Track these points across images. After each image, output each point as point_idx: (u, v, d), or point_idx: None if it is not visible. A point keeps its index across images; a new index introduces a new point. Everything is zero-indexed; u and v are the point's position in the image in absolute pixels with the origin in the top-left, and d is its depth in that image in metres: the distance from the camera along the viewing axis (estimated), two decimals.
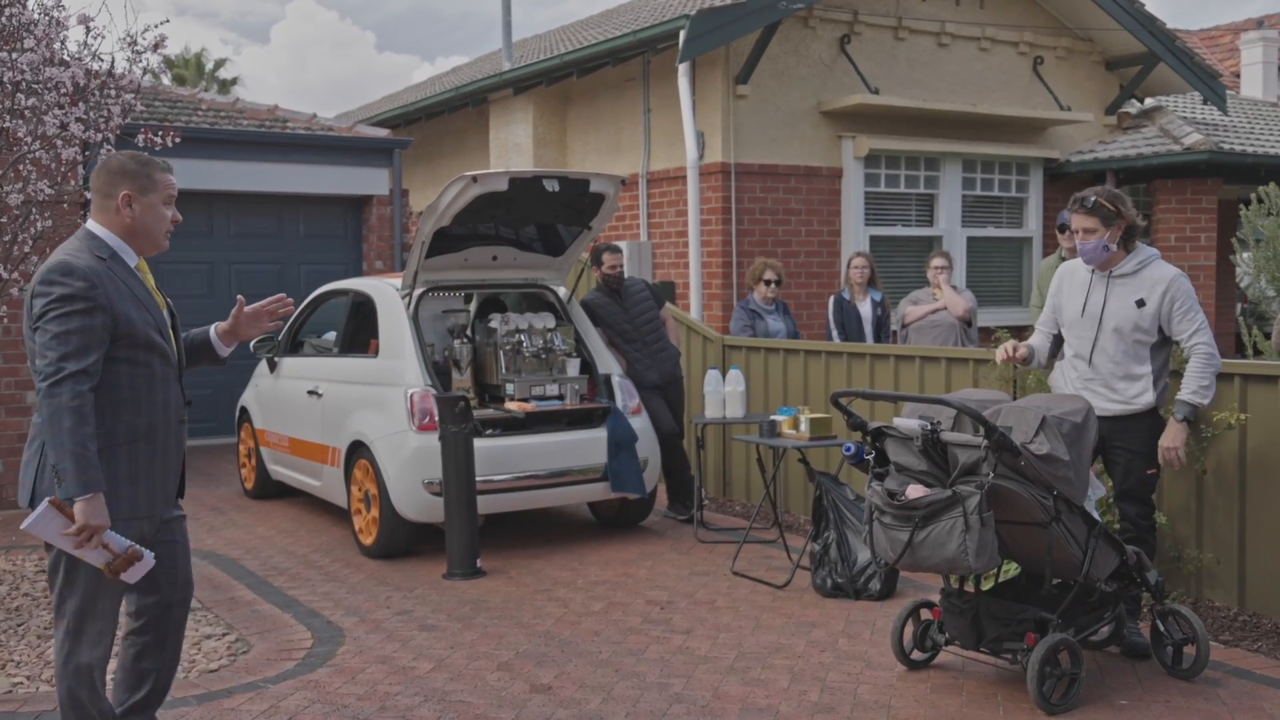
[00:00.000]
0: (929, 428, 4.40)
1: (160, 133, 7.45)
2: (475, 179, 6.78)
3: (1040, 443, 4.26)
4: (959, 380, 6.65)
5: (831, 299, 8.94)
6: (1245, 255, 8.16)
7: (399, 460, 6.72)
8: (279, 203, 11.83)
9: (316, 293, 8.64)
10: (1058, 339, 5.14)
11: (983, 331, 9.70)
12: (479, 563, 6.46)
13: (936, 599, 4.77)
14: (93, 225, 3.44)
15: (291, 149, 11.57)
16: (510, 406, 7.11)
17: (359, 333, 7.79)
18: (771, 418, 6.73)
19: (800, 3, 10.70)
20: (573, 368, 7.45)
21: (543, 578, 6.39)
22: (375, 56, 67.53)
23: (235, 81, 33.59)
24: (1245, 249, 8.14)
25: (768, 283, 8.44)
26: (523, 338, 7.37)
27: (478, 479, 6.55)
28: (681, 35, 10.33)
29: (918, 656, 4.83)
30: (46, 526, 3.21)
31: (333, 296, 8.39)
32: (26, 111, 6.63)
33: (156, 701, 3.68)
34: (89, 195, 3.63)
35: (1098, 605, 4.66)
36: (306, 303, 8.61)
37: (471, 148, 14.70)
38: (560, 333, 7.52)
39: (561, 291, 7.82)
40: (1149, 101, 13.74)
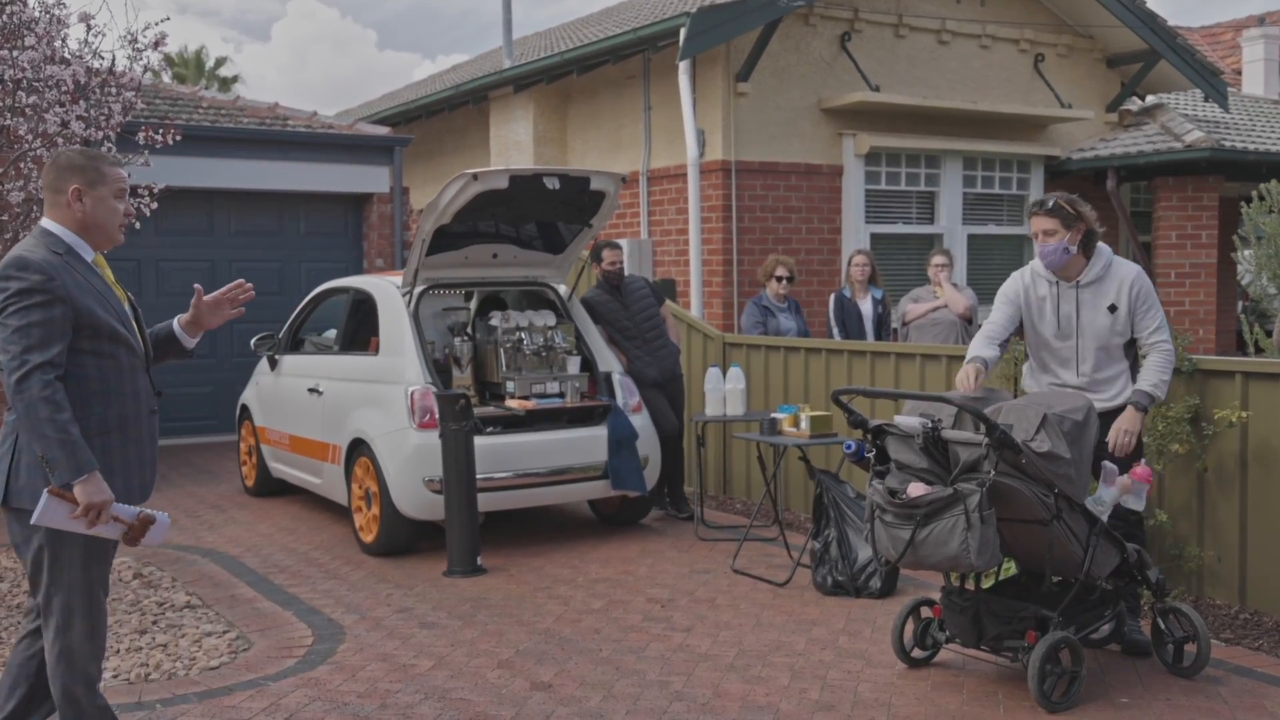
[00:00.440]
0: (930, 425, 4.40)
1: (161, 130, 7.46)
2: (476, 177, 6.77)
3: (1041, 440, 4.26)
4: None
5: (832, 297, 8.94)
6: (1247, 253, 8.15)
7: (399, 458, 6.72)
8: (279, 200, 11.82)
9: (317, 290, 8.64)
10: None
11: None
12: (479, 560, 6.46)
13: (937, 597, 4.77)
14: (47, 222, 3.46)
15: (292, 147, 11.58)
16: (511, 404, 7.11)
17: (359, 330, 7.79)
18: (772, 415, 6.73)
19: (800, 0, 10.69)
20: (573, 365, 7.45)
21: (543, 575, 6.39)
22: (376, 54, 67.61)
23: (236, 79, 33.62)
24: (1246, 246, 8.12)
25: (780, 279, 8.43)
26: (523, 335, 7.37)
27: (478, 476, 6.55)
28: (682, 33, 10.33)
29: (918, 654, 4.83)
30: (54, 515, 3.24)
31: (333, 294, 8.38)
32: (28, 109, 6.63)
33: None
34: None
35: (1099, 603, 4.66)
36: (307, 300, 8.61)
37: (472, 145, 14.69)
38: (561, 330, 7.52)
39: (562, 289, 7.82)
40: (1150, 99, 13.73)
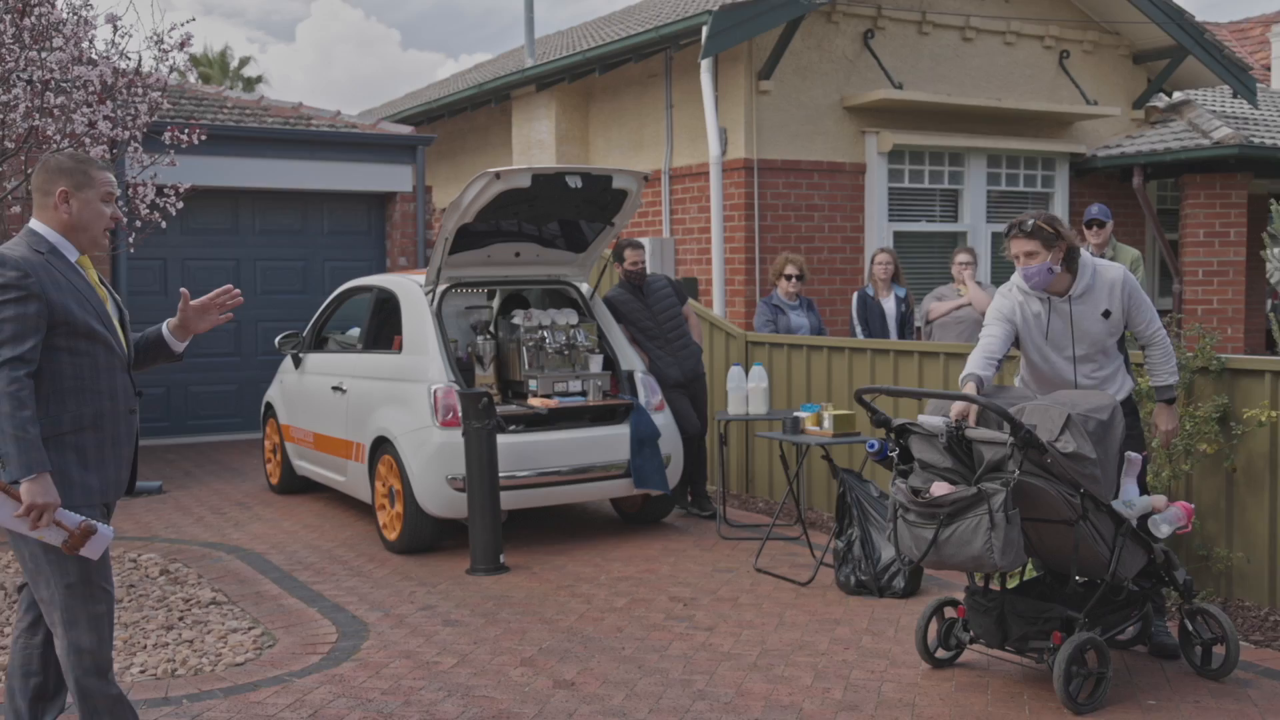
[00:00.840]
0: (954, 424, 4.38)
1: (186, 130, 7.51)
2: (498, 175, 6.78)
3: (1066, 441, 4.23)
4: None
5: (855, 295, 8.90)
6: (1276, 251, 8.06)
7: (422, 456, 6.74)
8: (303, 199, 11.89)
9: (340, 289, 8.68)
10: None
11: None
12: (502, 558, 6.48)
13: (961, 597, 4.75)
14: (34, 223, 3.51)
15: (316, 146, 11.64)
16: (533, 402, 7.12)
17: (383, 329, 7.82)
18: (795, 414, 6.70)
19: None
20: (595, 364, 7.45)
21: (565, 573, 6.40)
22: (400, 54, 67.70)
23: (260, 79, 33.77)
24: (1276, 244, 8.04)
25: (789, 278, 8.41)
26: (545, 334, 7.38)
27: (501, 475, 6.57)
28: (704, 31, 10.31)
29: (942, 655, 4.81)
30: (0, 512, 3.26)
31: (357, 293, 8.42)
32: (55, 110, 6.69)
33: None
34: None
35: (1125, 604, 4.62)
36: (331, 299, 8.65)
37: (494, 144, 14.72)
38: (583, 329, 7.52)
39: (584, 288, 7.83)
40: (1177, 95, 13.60)
